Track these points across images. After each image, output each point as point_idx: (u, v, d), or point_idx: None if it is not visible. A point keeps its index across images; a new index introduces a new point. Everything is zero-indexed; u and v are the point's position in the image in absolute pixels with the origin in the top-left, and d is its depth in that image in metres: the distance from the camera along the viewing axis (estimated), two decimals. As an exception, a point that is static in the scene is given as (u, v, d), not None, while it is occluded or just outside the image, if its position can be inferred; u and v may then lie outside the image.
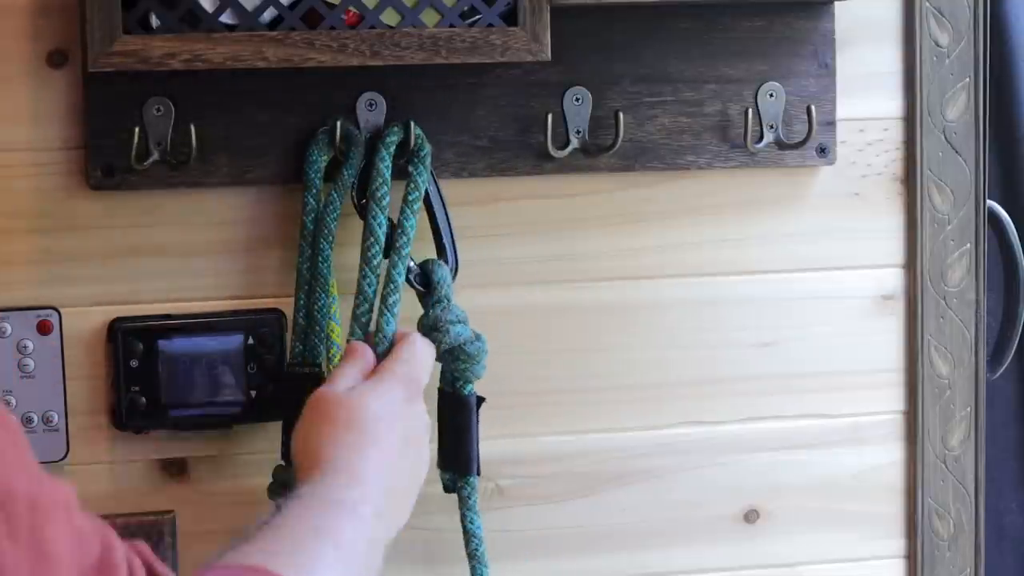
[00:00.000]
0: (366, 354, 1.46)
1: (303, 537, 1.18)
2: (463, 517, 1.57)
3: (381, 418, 1.38)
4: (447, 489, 1.58)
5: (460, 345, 1.53)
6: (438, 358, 1.54)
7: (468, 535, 1.58)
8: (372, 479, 1.32)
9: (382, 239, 1.52)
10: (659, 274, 1.67)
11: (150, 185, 1.55)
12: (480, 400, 1.56)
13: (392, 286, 1.52)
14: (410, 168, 1.56)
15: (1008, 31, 2.11)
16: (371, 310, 1.52)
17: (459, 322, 1.54)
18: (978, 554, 1.75)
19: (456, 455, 1.56)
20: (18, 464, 0.85)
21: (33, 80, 1.53)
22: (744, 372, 1.69)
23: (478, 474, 1.57)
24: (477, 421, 1.56)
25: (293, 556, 1.15)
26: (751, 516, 1.71)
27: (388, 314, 1.51)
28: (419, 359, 1.47)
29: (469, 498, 1.57)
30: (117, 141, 1.53)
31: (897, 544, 1.74)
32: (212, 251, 1.58)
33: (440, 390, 1.57)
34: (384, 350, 1.50)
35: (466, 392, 1.55)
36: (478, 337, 1.54)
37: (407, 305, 1.53)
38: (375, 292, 1.52)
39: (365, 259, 1.52)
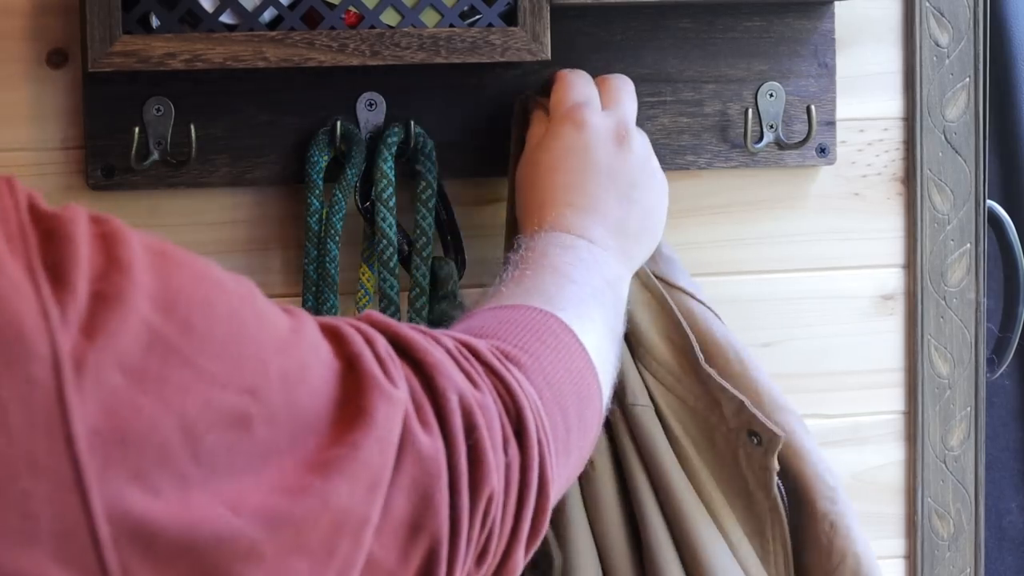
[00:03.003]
0: (540, 116, 1.47)
1: (541, 281, 1.19)
2: None
3: (556, 165, 1.39)
4: None
5: None
6: None
7: None
8: (581, 217, 1.33)
9: (395, 241, 1.52)
10: (659, 274, 1.67)
11: (150, 185, 1.55)
12: None
13: (418, 289, 1.53)
14: (418, 167, 1.56)
15: (1008, 31, 2.11)
16: (397, 312, 1.53)
17: None
18: (978, 554, 1.75)
19: None
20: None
21: (33, 80, 1.53)
22: (744, 372, 1.69)
23: None
24: None
25: (543, 296, 1.15)
26: (751, 516, 1.71)
27: (417, 318, 1.52)
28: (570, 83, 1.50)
29: None
30: (117, 141, 1.53)
31: (897, 544, 1.74)
32: (212, 251, 1.58)
33: None
34: None
35: None
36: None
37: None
38: (398, 295, 1.53)
39: (382, 262, 1.52)
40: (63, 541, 0.68)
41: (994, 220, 1.87)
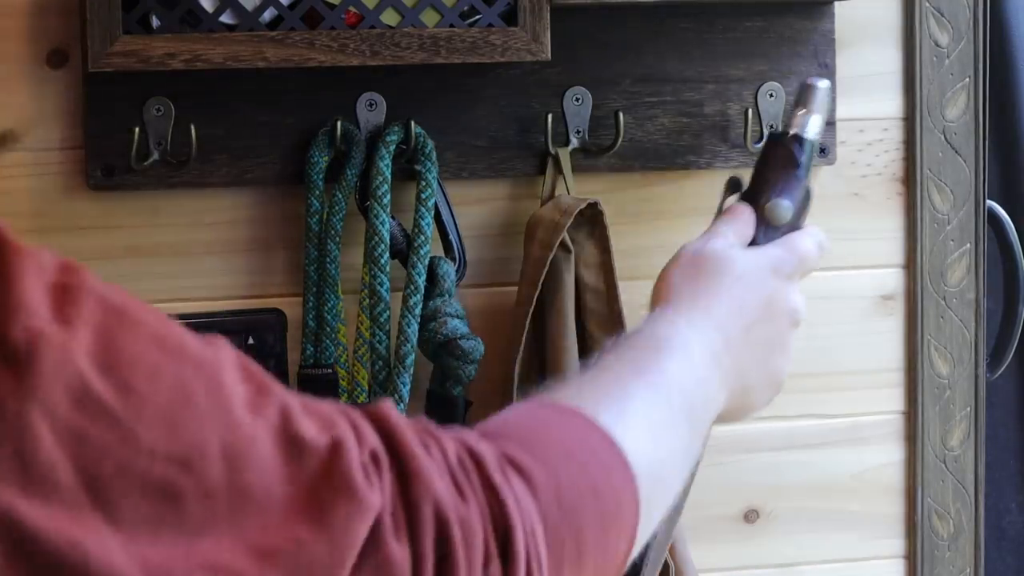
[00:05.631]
0: (744, 216, 1.33)
1: (621, 377, 1.09)
2: None
3: (743, 277, 1.27)
4: None
5: (456, 340, 1.53)
6: (431, 354, 1.54)
7: None
8: (712, 324, 1.21)
9: (387, 238, 1.52)
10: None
11: (150, 185, 1.55)
12: (468, 404, 1.56)
13: (412, 287, 1.53)
14: (418, 167, 1.56)
15: (1008, 31, 2.11)
16: (387, 309, 1.53)
17: (457, 316, 1.54)
18: (978, 554, 1.75)
19: None
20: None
21: (33, 80, 1.53)
22: (744, 372, 1.69)
23: None
24: (463, 425, 1.56)
25: (607, 398, 1.05)
26: (751, 516, 1.71)
27: (410, 316, 1.52)
28: (805, 250, 1.33)
29: None
30: (117, 141, 1.53)
31: (897, 544, 1.74)
32: (212, 251, 1.58)
33: (428, 390, 1.57)
34: (406, 352, 1.50)
35: (455, 393, 1.55)
36: (473, 336, 1.54)
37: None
38: (388, 292, 1.52)
39: (373, 259, 1.52)
40: None
41: (994, 220, 1.87)
